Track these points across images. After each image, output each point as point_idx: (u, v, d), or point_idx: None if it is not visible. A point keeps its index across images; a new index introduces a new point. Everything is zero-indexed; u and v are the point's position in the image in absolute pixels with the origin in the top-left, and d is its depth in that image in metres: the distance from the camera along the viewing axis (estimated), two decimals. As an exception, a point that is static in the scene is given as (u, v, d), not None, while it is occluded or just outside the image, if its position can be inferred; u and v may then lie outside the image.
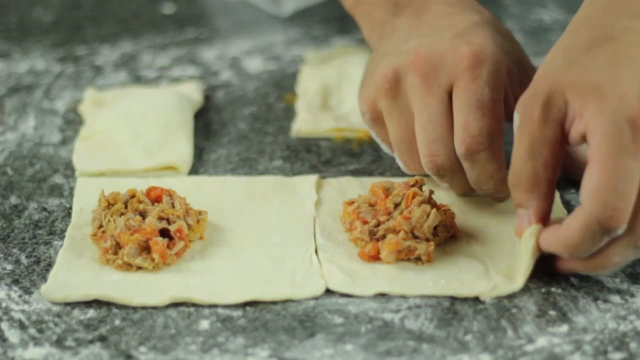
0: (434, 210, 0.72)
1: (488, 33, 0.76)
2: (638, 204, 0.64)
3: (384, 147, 0.81)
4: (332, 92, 0.94)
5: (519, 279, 0.69)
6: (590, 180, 0.63)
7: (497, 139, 0.73)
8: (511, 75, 0.76)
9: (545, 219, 0.69)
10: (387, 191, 0.75)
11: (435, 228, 0.72)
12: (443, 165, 0.75)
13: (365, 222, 0.73)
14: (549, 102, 0.66)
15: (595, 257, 0.67)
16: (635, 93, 0.64)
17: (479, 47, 0.74)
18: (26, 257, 0.74)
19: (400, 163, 0.79)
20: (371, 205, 0.75)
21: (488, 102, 0.73)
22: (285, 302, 0.69)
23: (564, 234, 0.66)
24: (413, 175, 0.76)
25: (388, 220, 0.72)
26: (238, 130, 0.90)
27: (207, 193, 0.80)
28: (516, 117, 0.68)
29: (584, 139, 0.65)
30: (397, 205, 0.73)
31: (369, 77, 0.80)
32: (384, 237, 0.72)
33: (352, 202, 0.76)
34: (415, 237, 0.71)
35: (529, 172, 0.67)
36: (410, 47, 0.76)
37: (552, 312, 0.68)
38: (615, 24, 0.67)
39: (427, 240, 0.71)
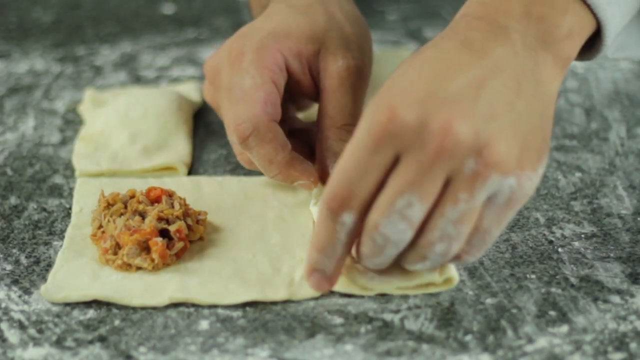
0: None
1: (274, 17, 0.79)
2: (424, 222, 0.62)
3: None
4: None
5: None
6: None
7: (262, 122, 0.75)
8: (296, 53, 0.77)
9: None
10: None
11: None
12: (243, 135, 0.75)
13: None
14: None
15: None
16: (403, 98, 0.61)
17: (241, 39, 0.77)
18: (26, 257, 0.74)
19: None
20: None
21: (248, 89, 0.75)
22: (285, 302, 0.69)
23: (313, 230, 0.66)
24: None
25: None
26: (238, 130, 0.90)
27: (206, 193, 0.80)
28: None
29: None
30: None
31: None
32: None
33: None
34: None
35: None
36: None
37: (552, 312, 0.68)
38: (430, 47, 0.65)
39: None
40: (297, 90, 0.80)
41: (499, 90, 0.62)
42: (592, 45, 0.70)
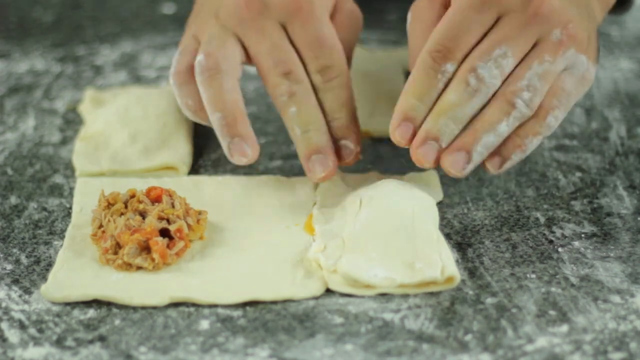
0: None
1: None
2: (512, 74, 0.72)
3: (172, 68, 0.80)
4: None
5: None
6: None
7: (345, 68, 0.78)
8: (337, 8, 0.81)
9: None
10: None
11: None
12: (298, 79, 0.77)
13: None
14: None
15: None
16: None
17: None
18: (26, 257, 0.74)
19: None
20: None
21: (328, 37, 0.77)
22: (285, 302, 0.69)
23: (408, 81, 0.73)
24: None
25: None
26: (238, 130, 0.90)
27: (207, 193, 0.80)
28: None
29: None
30: None
31: (203, 10, 0.82)
32: None
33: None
34: None
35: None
36: None
37: (552, 312, 0.68)
38: None
39: None
40: None
41: None
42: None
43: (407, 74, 0.97)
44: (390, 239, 0.70)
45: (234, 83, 0.77)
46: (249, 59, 0.79)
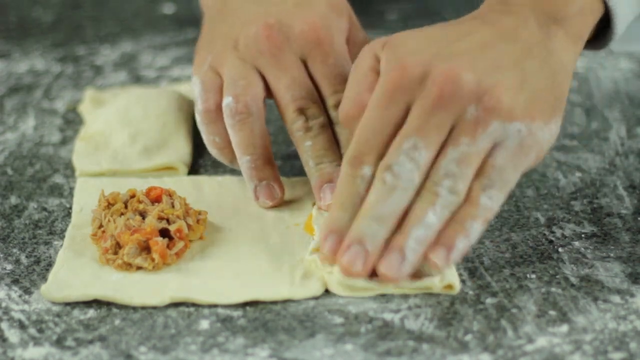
0: None
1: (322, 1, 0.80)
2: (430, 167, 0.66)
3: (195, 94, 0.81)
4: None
5: None
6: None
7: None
8: (351, 40, 0.81)
9: None
10: None
11: None
12: (314, 115, 0.77)
13: None
14: (375, 56, 0.70)
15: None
16: (412, 57, 0.67)
17: (323, 21, 0.79)
18: (26, 257, 0.74)
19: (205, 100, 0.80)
20: None
21: (347, 72, 0.75)
22: (285, 302, 0.69)
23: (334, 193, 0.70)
24: None
25: None
26: (238, 130, 0.90)
27: (207, 193, 0.80)
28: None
29: None
30: None
31: (216, 37, 0.82)
32: None
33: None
34: None
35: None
36: (259, 16, 0.79)
37: (552, 312, 0.68)
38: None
39: None
40: None
41: (507, 51, 0.68)
42: (602, 35, 0.75)
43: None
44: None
45: (262, 126, 0.78)
46: (269, 91, 0.79)
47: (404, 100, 0.66)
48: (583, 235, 0.76)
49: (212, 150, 0.80)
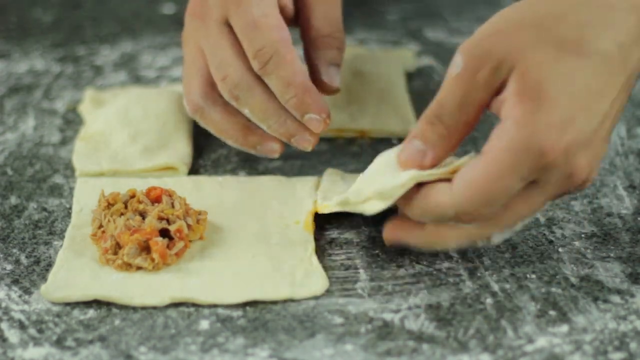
0: None
1: None
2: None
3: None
4: None
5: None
6: (474, 169, 0.64)
7: (281, 44, 0.76)
8: None
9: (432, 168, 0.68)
10: None
11: None
12: (234, 84, 0.77)
13: None
14: (498, 68, 0.65)
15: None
16: (553, 142, 0.63)
17: None
18: (26, 257, 0.74)
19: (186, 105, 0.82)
20: None
21: (260, 18, 0.76)
22: (285, 302, 0.69)
23: (425, 202, 0.66)
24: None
25: None
26: (238, 130, 0.90)
27: (207, 193, 0.80)
28: (458, 60, 0.66)
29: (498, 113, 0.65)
30: None
31: None
32: None
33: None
34: None
35: (448, 118, 0.66)
36: None
37: (552, 312, 0.68)
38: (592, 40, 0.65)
39: None
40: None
41: (612, 116, 0.66)
42: None
43: (407, 75, 0.97)
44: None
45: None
46: None
47: (536, 176, 0.64)
48: (583, 235, 0.76)
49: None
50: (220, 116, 0.80)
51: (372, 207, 0.69)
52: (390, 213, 0.70)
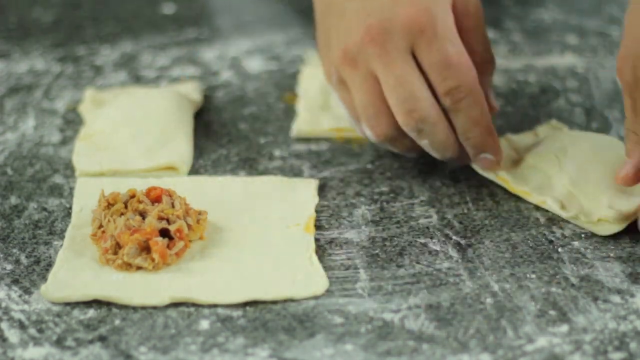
0: None
1: None
2: None
3: (346, 113, 0.82)
4: (333, 92, 0.94)
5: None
6: None
7: (474, 84, 0.77)
8: (456, 9, 0.78)
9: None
10: None
11: None
12: (421, 118, 0.76)
13: None
14: (637, 64, 0.69)
15: None
16: None
17: (423, 6, 0.76)
18: (26, 257, 0.74)
19: (366, 130, 0.80)
20: None
21: (453, 55, 0.76)
22: (285, 302, 0.69)
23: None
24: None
25: None
26: (238, 130, 0.90)
27: (207, 193, 0.80)
28: (618, 80, 0.72)
29: None
30: None
31: (331, 39, 0.81)
32: None
33: None
34: None
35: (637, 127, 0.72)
36: (360, 16, 0.78)
37: (552, 312, 0.68)
38: None
39: None
40: None
41: None
42: None
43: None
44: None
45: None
46: None
47: None
48: (583, 235, 0.75)
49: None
50: (411, 141, 0.79)
51: (608, 230, 0.75)
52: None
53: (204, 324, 0.67)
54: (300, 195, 0.80)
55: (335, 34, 0.80)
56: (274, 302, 0.69)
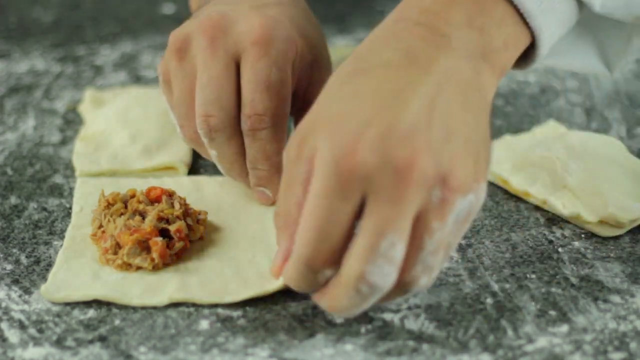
0: None
1: (286, 10, 0.76)
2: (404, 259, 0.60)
3: (171, 114, 0.79)
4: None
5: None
6: (302, 220, 0.61)
7: (280, 120, 0.74)
8: (302, 57, 0.76)
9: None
10: None
11: None
12: (215, 127, 0.74)
13: None
14: (303, 140, 0.61)
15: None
16: (362, 138, 0.59)
17: (271, 22, 0.74)
18: (26, 257, 0.74)
19: (177, 129, 0.78)
20: None
21: (275, 83, 0.73)
22: (285, 301, 0.69)
23: (285, 271, 0.64)
24: None
25: None
26: (238, 130, 0.90)
27: (207, 193, 0.80)
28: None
29: None
30: None
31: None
32: None
33: None
34: None
35: (282, 211, 0.64)
36: (206, 12, 0.76)
37: (552, 312, 0.68)
38: (374, 57, 0.63)
39: None
40: None
41: (449, 106, 0.61)
42: (528, 54, 0.68)
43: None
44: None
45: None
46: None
47: (361, 189, 0.59)
48: (583, 236, 0.76)
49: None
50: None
51: (609, 231, 0.75)
52: None
53: (204, 324, 0.67)
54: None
55: (187, 23, 0.78)
56: (274, 302, 0.69)
